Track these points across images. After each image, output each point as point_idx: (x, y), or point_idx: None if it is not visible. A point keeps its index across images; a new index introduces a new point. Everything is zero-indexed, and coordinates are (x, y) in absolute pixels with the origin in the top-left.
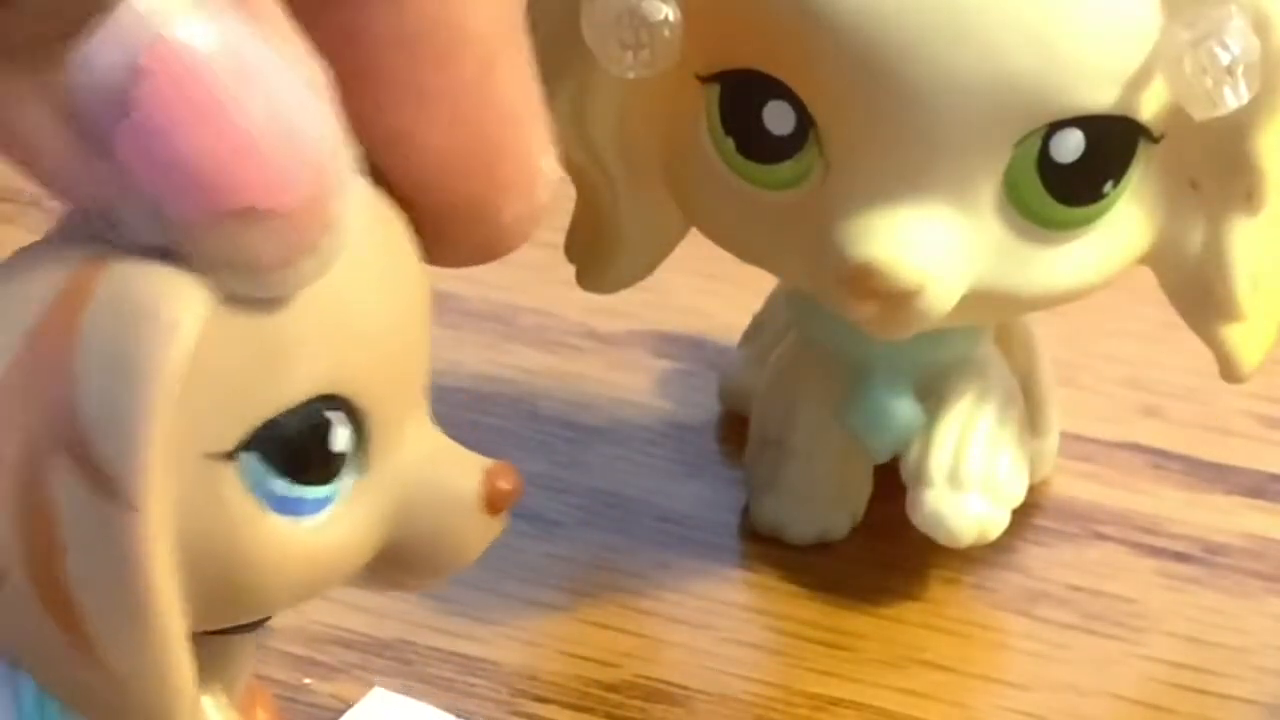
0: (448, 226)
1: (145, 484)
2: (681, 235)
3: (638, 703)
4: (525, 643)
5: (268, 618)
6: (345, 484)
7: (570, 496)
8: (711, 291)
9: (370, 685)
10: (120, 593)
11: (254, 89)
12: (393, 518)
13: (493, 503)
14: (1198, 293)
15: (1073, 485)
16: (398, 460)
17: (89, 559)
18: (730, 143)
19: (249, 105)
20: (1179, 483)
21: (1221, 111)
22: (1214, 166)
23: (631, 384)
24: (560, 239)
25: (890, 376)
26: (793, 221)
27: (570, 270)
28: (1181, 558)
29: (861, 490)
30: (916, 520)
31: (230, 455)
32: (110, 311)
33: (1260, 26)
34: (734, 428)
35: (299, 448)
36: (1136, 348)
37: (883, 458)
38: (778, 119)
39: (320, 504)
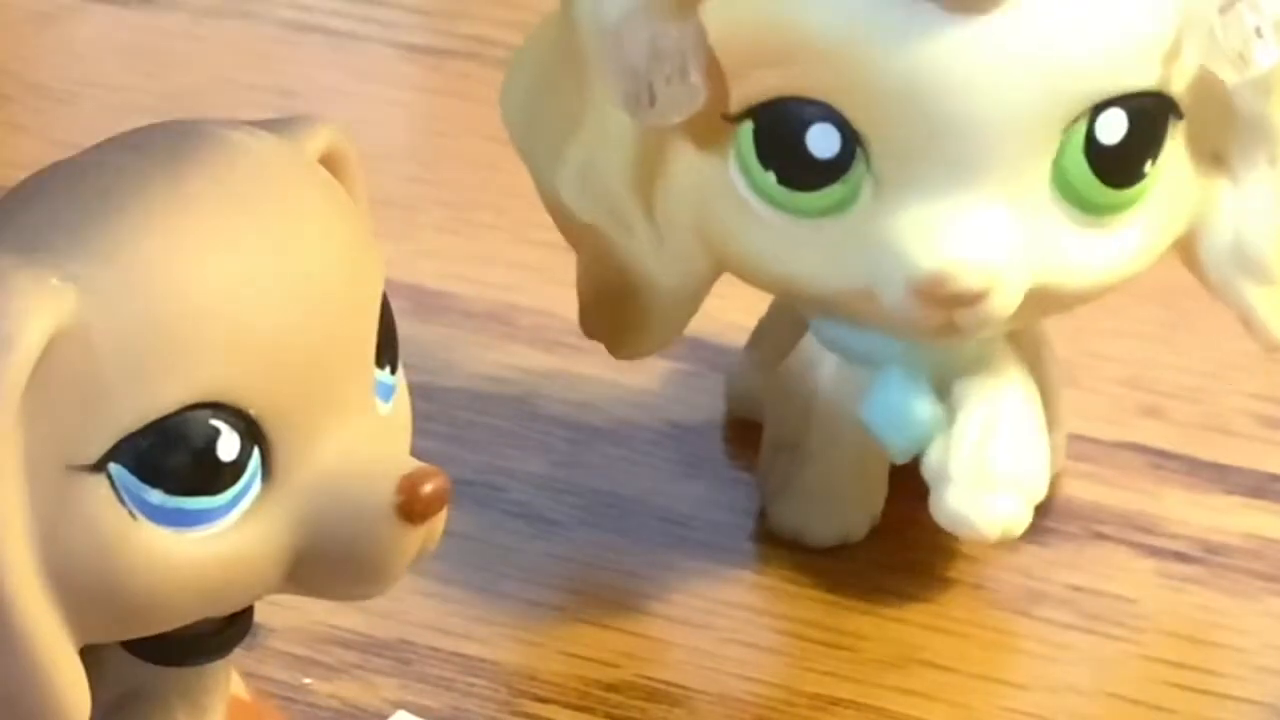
0: None
1: None
2: (707, 290)
3: (638, 703)
4: (525, 643)
5: (236, 641)
6: (247, 492)
7: (570, 496)
8: (713, 292)
9: (370, 685)
10: None
11: None
12: (302, 528)
13: (409, 512)
14: (1233, 262)
15: (1073, 485)
16: (310, 468)
17: None
18: (770, 176)
19: None
20: (1179, 483)
21: (1254, 73)
22: (1234, 136)
23: (632, 384)
24: (560, 238)
25: (908, 377)
26: (848, 245)
27: (570, 270)
28: (1181, 558)
29: (879, 491)
30: (941, 520)
31: (97, 466)
32: None
33: None
34: (734, 428)
35: (172, 458)
36: (1136, 348)
37: (902, 459)
38: (822, 142)
39: (211, 514)
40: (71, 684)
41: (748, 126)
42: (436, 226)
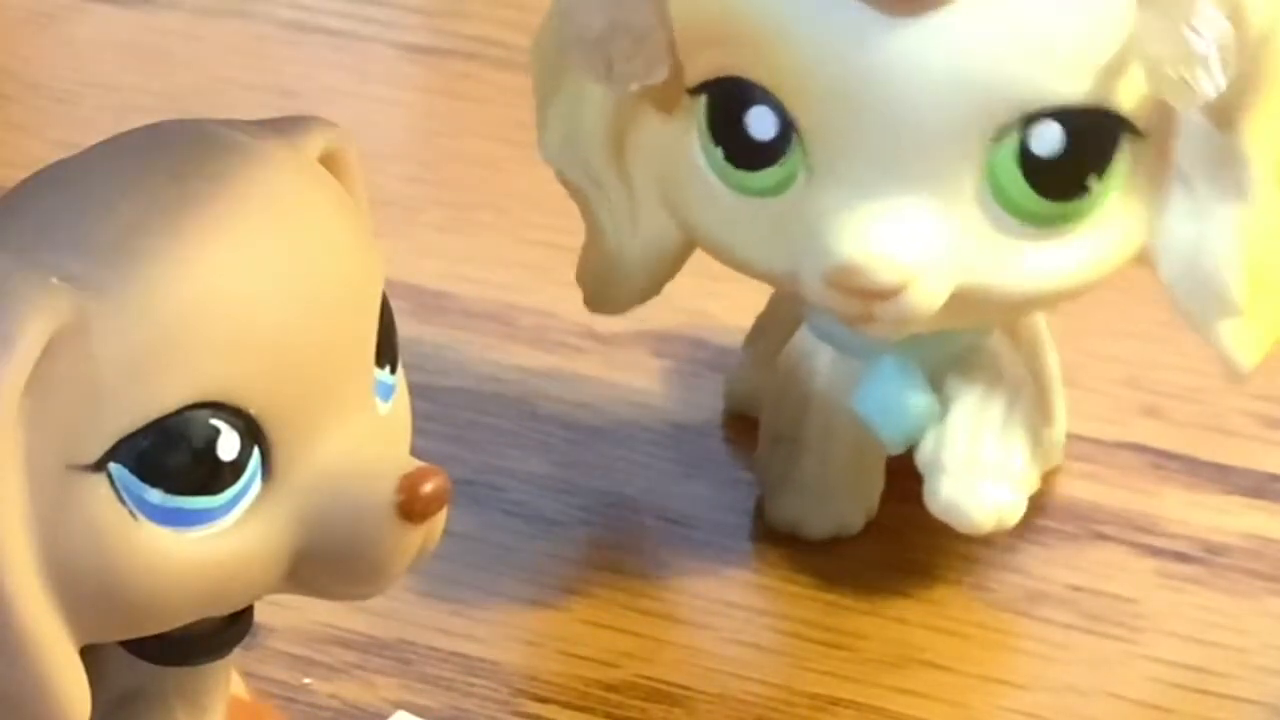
0: None
1: None
2: (685, 255)
3: (638, 703)
4: (525, 643)
5: (236, 641)
6: (247, 492)
7: (570, 496)
8: (712, 291)
9: (371, 685)
10: None
11: None
12: (301, 528)
13: (409, 511)
14: (1196, 289)
15: (1073, 485)
16: (310, 468)
17: None
18: (719, 152)
19: None
20: (1179, 483)
21: (1199, 101)
22: (1203, 161)
23: (632, 384)
24: (560, 238)
25: (902, 367)
26: (781, 228)
27: (571, 270)
28: (1181, 558)
29: (875, 484)
30: (934, 509)
31: (97, 466)
32: None
33: (1234, 13)
34: (735, 428)
35: (172, 457)
36: (1136, 348)
37: (897, 449)
38: (761, 124)
39: (211, 514)
40: (72, 684)
41: (703, 101)
42: (436, 226)
